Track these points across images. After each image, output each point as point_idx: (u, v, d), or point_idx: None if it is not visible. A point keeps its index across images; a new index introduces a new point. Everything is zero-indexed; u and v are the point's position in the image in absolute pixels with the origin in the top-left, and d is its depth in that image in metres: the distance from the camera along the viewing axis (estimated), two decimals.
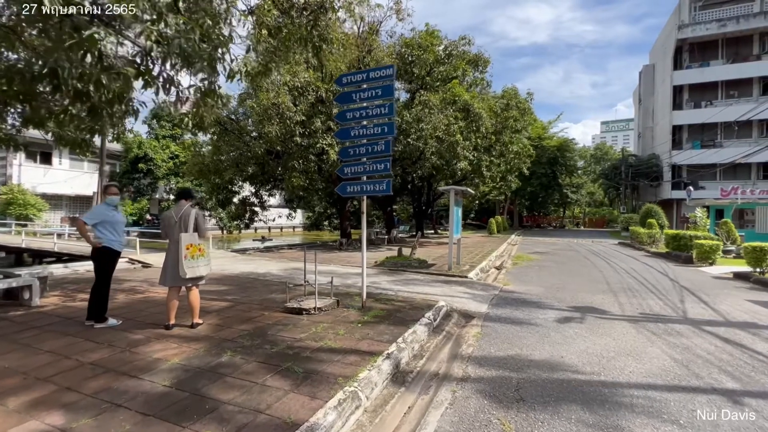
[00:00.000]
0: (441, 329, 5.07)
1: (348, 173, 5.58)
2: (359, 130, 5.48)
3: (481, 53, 17.69)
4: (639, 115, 39.48)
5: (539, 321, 5.56)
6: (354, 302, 5.89)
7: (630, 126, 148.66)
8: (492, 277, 9.61)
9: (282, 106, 11.53)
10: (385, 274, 9.25)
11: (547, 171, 37.39)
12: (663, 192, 31.18)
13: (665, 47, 31.70)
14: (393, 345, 4.00)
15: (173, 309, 4.33)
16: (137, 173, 27.83)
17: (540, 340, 4.70)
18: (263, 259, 11.68)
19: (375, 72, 5.39)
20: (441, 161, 14.63)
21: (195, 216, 4.29)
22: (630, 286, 8.53)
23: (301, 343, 4.01)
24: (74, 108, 5.10)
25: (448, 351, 4.36)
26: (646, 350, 4.40)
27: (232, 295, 6.36)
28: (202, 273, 4.29)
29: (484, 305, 6.37)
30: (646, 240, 18.55)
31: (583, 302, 6.84)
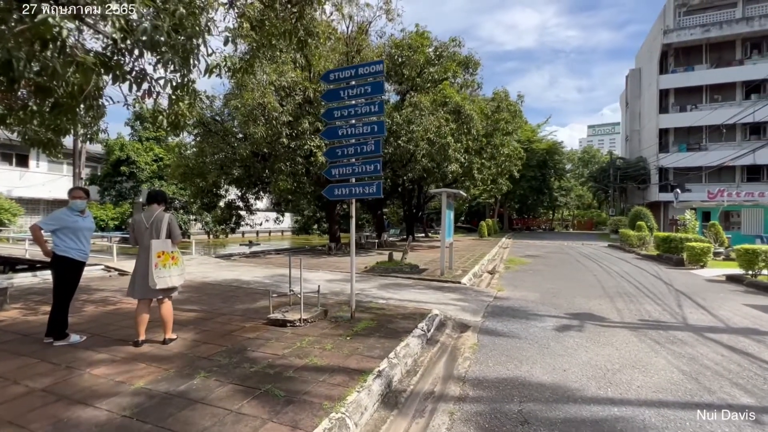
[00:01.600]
0: (435, 341, 4.76)
1: (336, 175, 5.26)
2: (347, 129, 5.16)
3: (471, 55, 17.58)
4: (626, 118, 40.01)
5: (537, 330, 5.29)
6: (343, 312, 5.55)
7: (616, 130, 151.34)
8: (485, 283, 9.36)
9: (268, 106, 11.14)
10: (375, 280, 8.92)
11: (536, 174, 37.59)
12: (651, 194, 31.53)
13: (651, 52, 32.17)
14: (384, 361, 3.67)
15: (143, 323, 3.94)
16: (119, 176, 26.94)
17: (540, 352, 4.43)
18: (248, 266, 11.24)
19: (364, 68, 5.09)
20: (432, 164, 14.39)
21: (168, 221, 3.92)
22: (625, 290, 8.36)
23: (284, 361, 3.66)
24: (36, 104, 4.68)
25: (443, 366, 4.06)
26: (651, 361, 4.16)
27: (211, 306, 5.96)
28: (175, 284, 3.91)
29: (480, 313, 6.09)
30: (636, 242, 18.59)
31: (581, 308, 6.62)
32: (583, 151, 62.86)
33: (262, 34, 5.43)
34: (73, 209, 4.25)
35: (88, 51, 4.30)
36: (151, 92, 4.45)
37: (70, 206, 4.30)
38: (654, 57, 30.99)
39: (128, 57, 4.34)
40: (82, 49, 4.12)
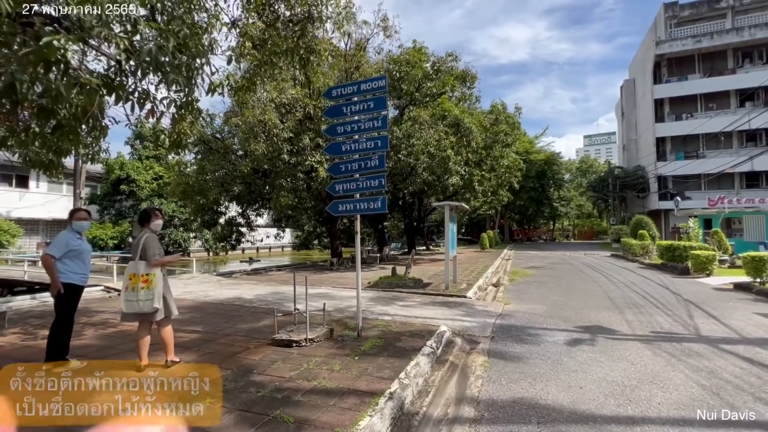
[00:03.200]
0: (445, 359, 4.63)
1: (339, 191, 5.21)
2: (351, 145, 5.15)
3: (468, 69, 17.80)
4: (622, 128, 40.37)
5: (549, 344, 5.17)
6: (349, 330, 5.43)
7: (612, 139, 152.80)
8: (491, 296, 9.23)
9: (269, 123, 11.18)
10: (379, 296, 8.80)
11: (535, 185, 37.70)
12: (650, 203, 31.56)
13: (644, 62, 32.66)
14: (395, 382, 3.56)
15: (144, 347, 3.81)
16: (119, 195, 26.97)
17: (553, 368, 4.31)
18: (250, 283, 11.10)
19: (366, 84, 5.10)
20: (432, 177, 14.40)
21: (144, 240, 3.81)
22: (633, 301, 8.24)
23: (292, 384, 3.54)
24: (38, 126, 4.66)
25: (455, 385, 3.93)
26: (669, 376, 4.04)
27: (214, 326, 5.83)
28: (144, 309, 3.71)
29: (488, 328, 5.97)
30: (639, 251, 18.50)
31: (590, 321, 6.50)
32: (581, 161, 63.25)
33: (264, 53, 5.46)
34: (75, 231, 4.18)
35: (91, 72, 4.31)
36: (154, 112, 4.44)
37: (73, 227, 4.22)
38: (647, 67, 31.45)
39: (131, 78, 4.35)
40: (86, 70, 4.12)
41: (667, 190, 29.78)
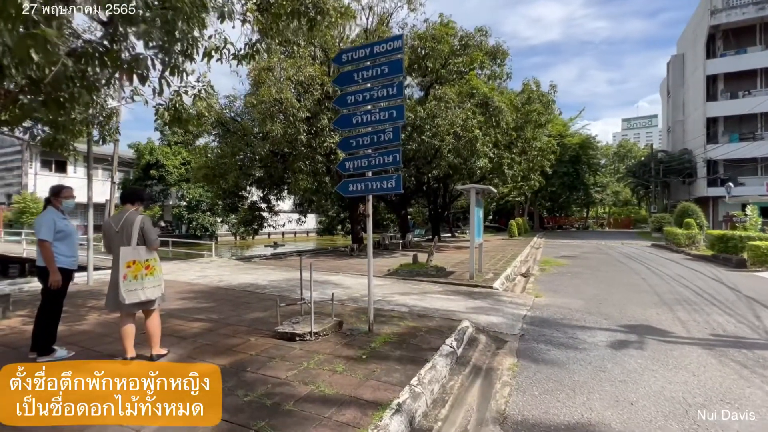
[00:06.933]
0: (466, 360, 4.05)
1: (350, 168, 4.65)
2: (362, 117, 4.55)
3: (499, 44, 16.59)
4: (668, 108, 37.35)
5: (588, 346, 4.48)
6: (360, 323, 4.93)
7: (653, 122, 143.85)
8: (520, 287, 8.50)
9: (285, 103, 10.71)
10: (398, 284, 8.27)
11: (569, 170, 35.69)
12: (697, 189, 29.16)
13: (696, 35, 29.77)
14: (405, 390, 3.02)
15: (128, 338, 3.46)
16: (149, 180, 27.68)
17: (596, 376, 3.64)
18: (267, 268, 10.86)
19: (380, 45, 4.45)
20: (458, 159, 13.55)
21: (140, 224, 3.39)
22: (684, 296, 7.30)
23: (286, 388, 3.07)
24: (25, 97, 4.34)
25: (477, 393, 3.36)
26: (745, 393, 3.29)
27: (219, 314, 5.50)
28: (150, 296, 3.37)
29: (517, 324, 5.32)
30: (685, 241, 16.98)
31: (635, 319, 5.70)
32: (619, 145, 59.63)
33: (269, 16, 4.91)
34: (60, 210, 3.85)
35: (89, 41, 3.92)
36: (143, 77, 4.00)
37: (61, 207, 3.90)
38: (699, 41, 28.63)
39: (123, 45, 3.93)
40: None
41: (717, 175, 27.35)
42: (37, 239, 3.64)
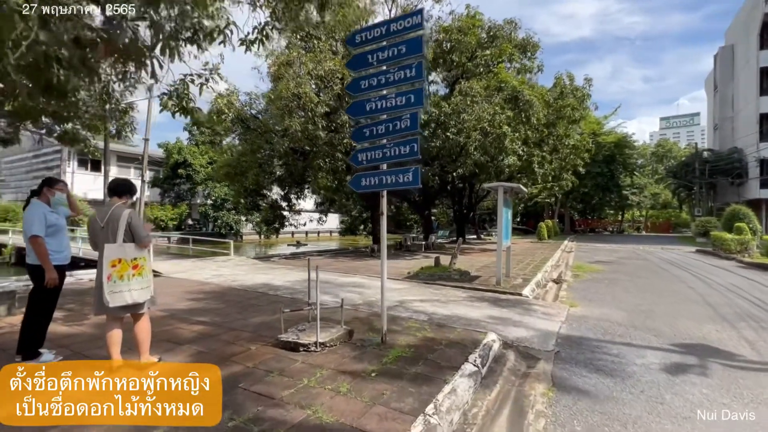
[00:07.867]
0: (493, 381, 3.50)
1: (363, 161, 4.19)
2: (377, 103, 4.08)
3: (529, 36, 15.71)
4: (714, 104, 34.79)
5: (638, 370, 3.81)
6: (372, 333, 4.46)
7: (695, 121, 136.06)
8: (552, 295, 7.79)
9: (304, 98, 10.41)
10: (417, 288, 7.74)
11: (603, 170, 33.89)
12: (748, 191, 26.91)
13: (748, 25, 27.51)
14: (419, 421, 2.52)
15: (113, 344, 3.13)
16: (177, 179, 28.35)
17: (652, 410, 3.01)
18: (285, 268, 10.58)
19: (397, 23, 3.96)
20: (485, 157, 12.84)
21: (128, 219, 3.04)
22: (746, 311, 6.39)
23: (279, 411, 2.64)
24: (26, 87, 4.14)
25: (506, 425, 2.81)
26: None
27: (224, 317, 5.17)
28: (137, 299, 3.03)
29: (550, 339, 4.69)
30: (735, 247, 15.52)
31: (691, 336, 4.94)
32: (657, 144, 56.37)
33: None
34: (51, 204, 3.59)
35: (91, 28, 3.66)
36: (141, 64, 3.70)
37: (53, 200, 3.65)
38: (752, 31, 26.42)
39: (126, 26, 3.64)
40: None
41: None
42: (29, 236, 3.38)
